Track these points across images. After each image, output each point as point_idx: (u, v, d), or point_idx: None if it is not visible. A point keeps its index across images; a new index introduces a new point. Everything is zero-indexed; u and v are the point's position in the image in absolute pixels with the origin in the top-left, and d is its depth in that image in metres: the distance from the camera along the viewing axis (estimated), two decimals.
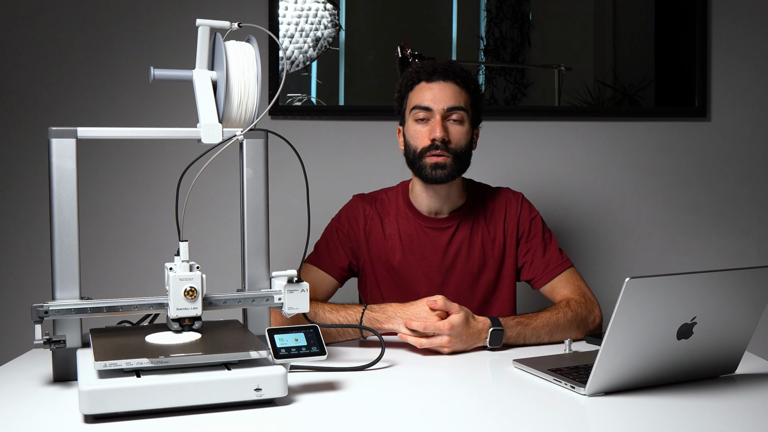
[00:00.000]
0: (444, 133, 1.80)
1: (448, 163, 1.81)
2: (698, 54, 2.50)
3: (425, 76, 1.84)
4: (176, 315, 1.32)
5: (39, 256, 2.38)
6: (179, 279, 1.32)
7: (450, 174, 1.82)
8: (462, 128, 1.83)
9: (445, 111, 1.81)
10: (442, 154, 1.81)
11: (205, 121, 1.41)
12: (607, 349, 1.28)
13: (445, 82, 1.83)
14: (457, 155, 1.82)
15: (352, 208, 1.95)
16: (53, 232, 1.37)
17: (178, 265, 1.34)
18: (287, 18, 2.41)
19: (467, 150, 1.86)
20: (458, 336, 1.61)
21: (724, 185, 2.56)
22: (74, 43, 2.41)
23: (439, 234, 1.90)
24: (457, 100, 1.82)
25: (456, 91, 1.83)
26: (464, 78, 1.84)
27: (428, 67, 1.85)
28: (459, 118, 1.82)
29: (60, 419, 1.20)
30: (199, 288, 1.33)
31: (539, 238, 1.91)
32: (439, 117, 1.81)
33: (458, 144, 1.82)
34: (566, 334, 1.73)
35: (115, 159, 2.42)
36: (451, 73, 1.83)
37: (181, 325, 1.34)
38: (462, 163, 1.85)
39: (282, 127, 2.44)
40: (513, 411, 1.28)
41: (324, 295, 1.86)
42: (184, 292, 1.32)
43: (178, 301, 1.32)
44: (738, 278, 1.34)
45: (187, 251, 1.35)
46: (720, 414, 1.24)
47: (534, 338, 1.70)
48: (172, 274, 1.32)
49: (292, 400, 1.29)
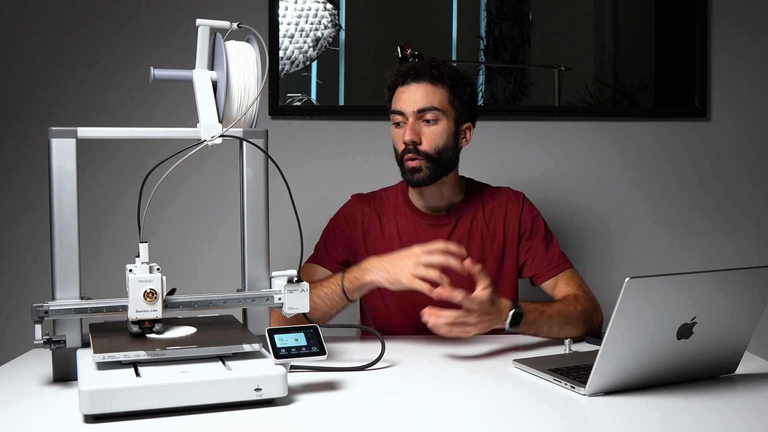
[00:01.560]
0: (414, 136, 1.79)
1: (423, 166, 1.80)
2: (698, 54, 2.50)
3: (399, 80, 1.85)
4: (135, 317, 1.31)
5: (39, 256, 2.38)
6: (138, 281, 1.31)
7: (428, 176, 1.81)
8: (436, 128, 1.81)
9: (417, 113, 1.80)
10: (414, 158, 1.80)
11: (205, 121, 1.41)
12: (607, 349, 1.28)
13: (417, 83, 1.81)
14: (431, 157, 1.80)
15: (350, 208, 1.95)
16: (53, 232, 1.37)
17: (138, 266, 1.33)
18: (287, 18, 2.41)
19: (446, 149, 1.82)
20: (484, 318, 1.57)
21: (724, 185, 2.56)
22: (74, 43, 2.41)
23: (438, 230, 1.90)
24: (428, 100, 1.80)
25: (428, 90, 1.81)
26: (438, 76, 1.81)
27: (402, 70, 1.85)
28: (432, 117, 1.80)
29: (60, 419, 1.20)
30: (159, 290, 1.32)
31: (541, 236, 1.91)
32: (411, 120, 1.80)
33: (432, 145, 1.80)
34: (575, 327, 1.72)
35: (115, 159, 2.42)
36: (423, 73, 1.81)
37: (141, 327, 1.34)
38: (439, 165, 1.82)
39: (282, 127, 2.44)
40: (513, 411, 1.28)
41: None
42: (144, 294, 1.31)
43: (137, 303, 1.31)
44: (738, 278, 1.34)
45: (146, 252, 1.33)
46: (720, 414, 1.24)
47: (546, 328, 1.69)
48: (132, 276, 1.31)
49: (292, 400, 1.29)
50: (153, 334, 1.34)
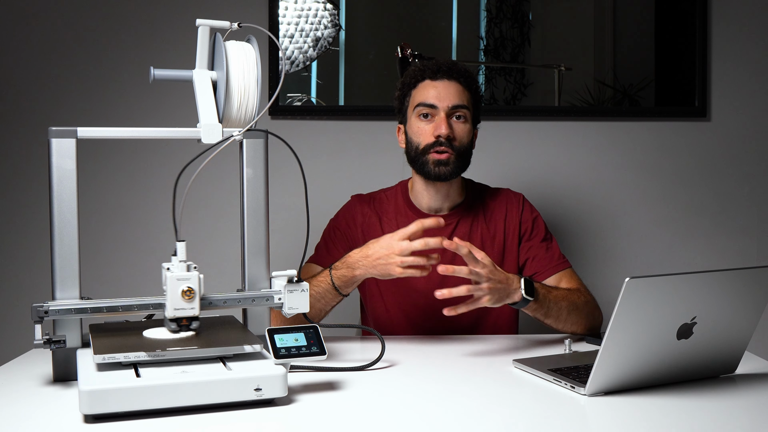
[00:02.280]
0: (449, 130, 1.81)
1: (451, 160, 1.82)
2: (698, 54, 2.49)
3: (429, 75, 1.86)
4: (174, 315, 1.32)
5: (39, 256, 2.38)
6: (176, 279, 1.32)
7: (453, 171, 1.84)
8: (465, 126, 1.85)
9: (450, 109, 1.83)
10: (446, 151, 1.82)
11: (205, 121, 1.41)
12: (607, 349, 1.28)
13: (449, 81, 1.85)
14: (460, 153, 1.84)
15: (350, 208, 1.96)
16: (53, 232, 1.37)
17: (176, 265, 1.34)
18: (287, 18, 2.41)
19: (469, 148, 1.87)
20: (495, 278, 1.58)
21: (724, 185, 2.56)
22: (74, 43, 2.41)
23: (439, 231, 1.90)
24: (461, 98, 1.84)
25: (460, 89, 1.85)
26: (467, 78, 1.87)
27: (432, 65, 1.87)
28: (463, 115, 1.84)
29: (60, 419, 1.20)
30: (196, 288, 1.33)
31: (541, 237, 1.91)
32: (443, 114, 1.83)
33: (462, 142, 1.84)
34: (579, 316, 1.73)
35: (115, 159, 2.42)
36: (455, 72, 1.86)
37: (179, 325, 1.34)
38: (464, 161, 1.86)
39: (282, 127, 2.44)
40: (513, 411, 1.28)
41: None
42: (182, 293, 1.32)
43: (175, 301, 1.32)
44: (738, 278, 1.34)
45: (184, 251, 1.34)
46: (720, 414, 1.24)
47: (555, 310, 1.69)
48: (170, 274, 1.32)
49: (292, 400, 1.29)
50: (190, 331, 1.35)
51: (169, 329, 1.35)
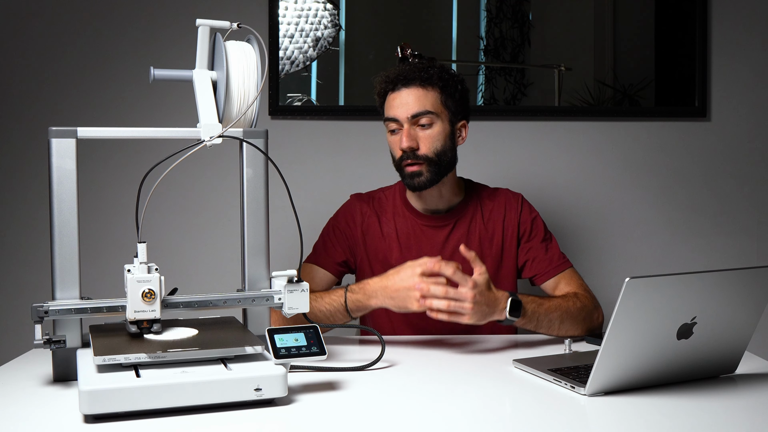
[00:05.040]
0: (411, 142, 1.79)
1: (423, 170, 1.80)
2: (698, 54, 2.50)
3: (390, 87, 1.83)
4: (134, 317, 1.31)
5: (39, 256, 2.38)
6: (137, 281, 1.31)
7: (429, 180, 1.81)
8: (432, 131, 1.81)
9: (411, 118, 1.79)
10: (415, 163, 1.80)
11: (205, 121, 1.41)
12: (607, 349, 1.28)
13: (407, 89, 1.80)
14: (431, 160, 1.80)
15: (349, 207, 1.95)
16: (53, 232, 1.37)
17: (137, 266, 1.33)
18: (287, 18, 2.41)
19: (444, 150, 1.82)
20: (480, 300, 1.57)
21: (724, 185, 2.56)
22: (74, 42, 2.41)
23: (436, 232, 1.90)
24: (421, 104, 1.79)
25: (419, 94, 1.80)
26: (427, 78, 1.80)
27: (391, 75, 1.83)
28: (427, 122, 1.80)
29: (60, 419, 1.20)
30: (157, 290, 1.32)
31: (540, 237, 1.91)
32: (406, 126, 1.80)
33: (430, 148, 1.80)
34: (574, 323, 1.72)
35: (115, 159, 2.42)
36: (412, 78, 1.80)
37: (140, 327, 1.34)
38: (440, 166, 1.82)
39: (282, 127, 2.44)
40: (513, 411, 1.28)
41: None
42: (142, 294, 1.31)
43: (135, 303, 1.31)
44: (738, 278, 1.34)
45: (145, 252, 1.33)
46: (720, 414, 1.24)
47: (546, 322, 1.69)
48: (130, 276, 1.31)
49: (292, 400, 1.29)
50: (151, 334, 1.34)
51: (129, 332, 1.34)
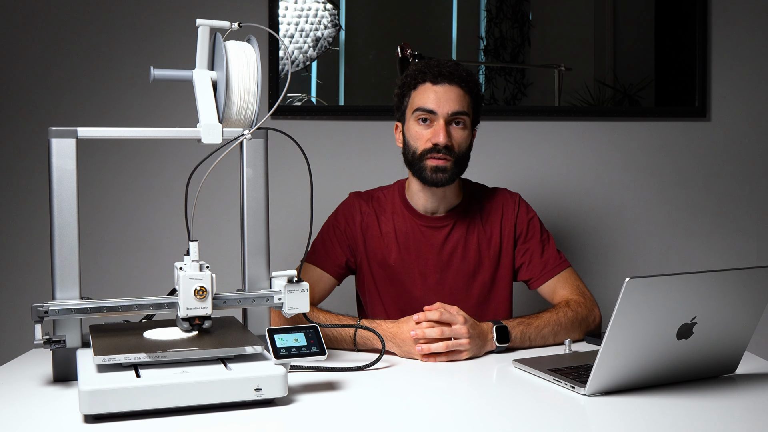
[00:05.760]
0: (447, 139, 1.79)
1: (449, 167, 1.80)
2: (698, 54, 2.50)
3: (431, 78, 1.81)
4: (186, 314, 1.33)
5: (39, 256, 2.38)
6: (189, 278, 1.33)
7: (450, 178, 1.82)
8: (464, 133, 1.82)
9: (450, 115, 1.79)
10: (445, 158, 1.79)
11: (205, 121, 1.41)
12: (607, 349, 1.28)
13: (450, 86, 1.80)
14: (458, 159, 1.82)
15: (349, 206, 1.94)
16: (53, 232, 1.37)
17: (188, 264, 1.34)
18: (287, 18, 2.41)
19: (467, 153, 1.85)
20: (473, 332, 1.60)
21: (724, 185, 2.56)
22: (74, 42, 2.41)
23: (435, 233, 1.90)
24: (461, 104, 1.80)
25: (460, 95, 1.80)
26: (469, 82, 1.82)
27: (434, 68, 1.82)
28: (462, 122, 1.81)
29: (60, 419, 1.20)
30: (209, 287, 1.34)
31: (537, 239, 1.90)
32: (443, 121, 1.79)
33: (460, 148, 1.81)
34: (569, 333, 1.72)
35: (115, 159, 2.42)
36: (456, 76, 1.81)
37: (191, 324, 1.35)
38: (462, 167, 1.84)
39: (282, 127, 2.41)
40: (513, 411, 1.28)
41: (322, 294, 1.86)
42: (194, 292, 1.33)
43: (188, 300, 1.33)
44: (738, 278, 1.34)
45: (197, 250, 1.35)
46: (720, 414, 1.24)
47: (539, 339, 1.70)
48: (182, 274, 1.33)
49: (292, 400, 1.29)
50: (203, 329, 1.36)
51: (182, 328, 1.36)
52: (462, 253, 1.89)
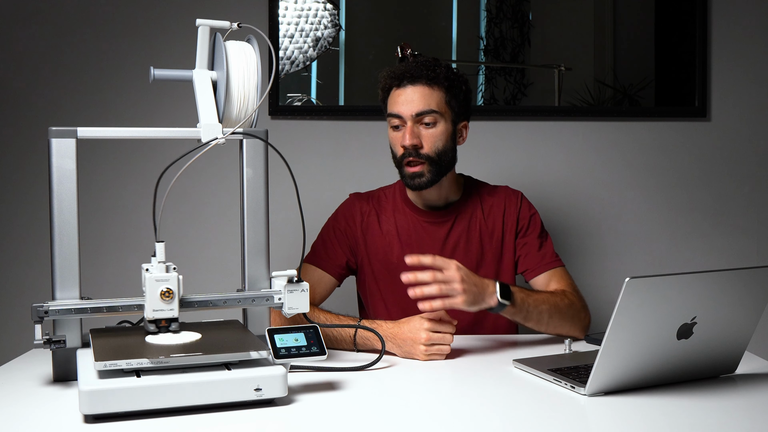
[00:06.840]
0: (415, 140, 1.78)
1: (424, 171, 1.80)
2: (698, 54, 2.49)
3: (395, 82, 1.82)
4: (152, 316, 1.32)
5: (39, 256, 2.38)
6: (155, 280, 1.32)
7: (429, 180, 1.81)
8: (435, 130, 1.80)
9: (415, 116, 1.79)
10: (416, 162, 1.79)
11: (205, 121, 1.41)
12: (607, 349, 1.28)
13: (413, 86, 1.79)
14: (432, 159, 1.80)
15: (349, 206, 1.95)
16: (53, 232, 1.37)
17: (155, 266, 1.33)
18: (287, 18, 2.41)
19: (445, 150, 1.82)
20: (469, 281, 1.57)
21: (724, 185, 2.56)
22: (74, 43, 2.41)
23: (437, 228, 1.90)
24: (426, 102, 1.79)
25: (425, 93, 1.79)
26: (433, 77, 1.79)
27: (397, 72, 1.82)
28: (431, 120, 1.79)
29: (60, 419, 1.20)
30: (175, 289, 1.32)
31: (536, 234, 1.91)
32: (410, 123, 1.79)
33: (432, 148, 1.80)
34: (563, 321, 1.72)
35: (115, 159, 2.42)
36: (421, 75, 1.79)
37: (158, 326, 1.34)
38: (440, 166, 1.82)
39: (282, 127, 2.44)
40: (513, 411, 1.28)
41: (322, 295, 1.86)
42: (161, 294, 1.31)
43: (154, 302, 1.31)
44: (738, 278, 1.34)
45: (163, 252, 1.34)
46: (720, 414, 1.24)
47: (536, 314, 1.68)
48: (148, 275, 1.32)
49: (292, 400, 1.29)
50: (169, 333, 1.34)
51: (148, 330, 1.34)
52: (465, 247, 1.89)
